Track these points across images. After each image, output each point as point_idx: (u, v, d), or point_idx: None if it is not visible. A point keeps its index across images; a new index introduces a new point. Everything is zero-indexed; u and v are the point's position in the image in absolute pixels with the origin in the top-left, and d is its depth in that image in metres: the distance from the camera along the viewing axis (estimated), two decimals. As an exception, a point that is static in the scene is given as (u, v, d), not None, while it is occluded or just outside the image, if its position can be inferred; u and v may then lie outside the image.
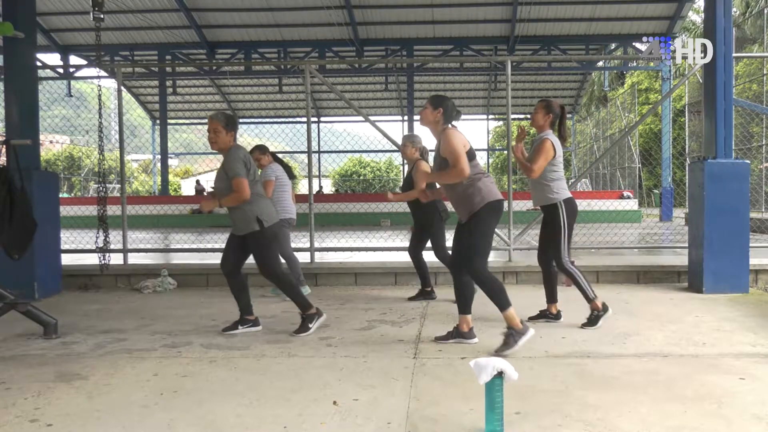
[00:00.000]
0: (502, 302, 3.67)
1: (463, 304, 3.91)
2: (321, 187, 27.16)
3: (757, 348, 3.69)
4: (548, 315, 4.51)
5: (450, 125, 3.86)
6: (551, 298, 4.54)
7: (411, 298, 5.53)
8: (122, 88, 7.08)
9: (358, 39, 18.05)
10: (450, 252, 4.09)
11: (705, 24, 6.09)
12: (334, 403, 2.80)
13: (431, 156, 4.37)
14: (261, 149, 5.77)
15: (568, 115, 26.49)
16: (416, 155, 5.31)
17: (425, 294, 5.53)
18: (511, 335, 3.63)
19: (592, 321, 4.29)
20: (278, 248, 5.59)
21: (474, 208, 3.73)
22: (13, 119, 5.72)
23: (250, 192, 4.14)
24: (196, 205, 17.62)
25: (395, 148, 6.84)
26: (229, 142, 4.23)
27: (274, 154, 5.87)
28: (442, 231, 5.33)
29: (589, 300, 4.32)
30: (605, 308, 4.33)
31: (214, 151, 4.32)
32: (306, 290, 5.65)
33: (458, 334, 3.89)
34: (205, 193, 5.08)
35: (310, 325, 4.23)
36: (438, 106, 3.84)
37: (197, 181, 25.52)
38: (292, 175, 6.05)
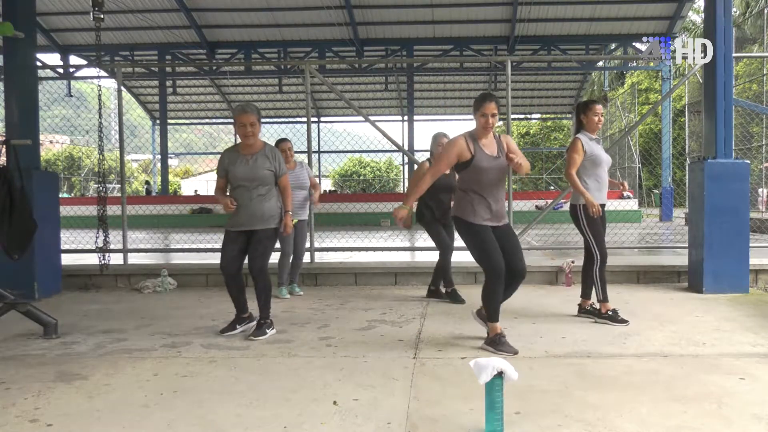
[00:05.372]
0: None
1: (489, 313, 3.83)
2: (326, 191, 27.03)
3: (757, 348, 3.69)
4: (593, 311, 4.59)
5: (466, 134, 3.76)
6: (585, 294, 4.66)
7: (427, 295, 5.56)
8: (122, 88, 7.09)
9: (358, 39, 18.04)
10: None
11: (705, 24, 6.09)
12: (334, 403, 2.81)
13: None
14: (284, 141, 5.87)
15: (568, 115, 26.69)
16: None
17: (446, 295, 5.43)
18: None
19: (613, 318, 4.40)
20: (288, 246, 5.65)
21: (453, 213, 3.93)
22: (13, 119, 5.72)
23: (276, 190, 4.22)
24: (195, 205, 17.64)
25: (395, 148, 6.83)
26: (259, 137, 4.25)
27: None
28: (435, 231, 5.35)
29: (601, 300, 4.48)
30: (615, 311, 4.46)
31: (213, 152, 4.32)
32: (282, 292, 5.65)
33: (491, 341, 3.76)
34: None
35: (268, 331, 4.16)
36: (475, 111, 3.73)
37: (147, 182, 25.87)
38: None
